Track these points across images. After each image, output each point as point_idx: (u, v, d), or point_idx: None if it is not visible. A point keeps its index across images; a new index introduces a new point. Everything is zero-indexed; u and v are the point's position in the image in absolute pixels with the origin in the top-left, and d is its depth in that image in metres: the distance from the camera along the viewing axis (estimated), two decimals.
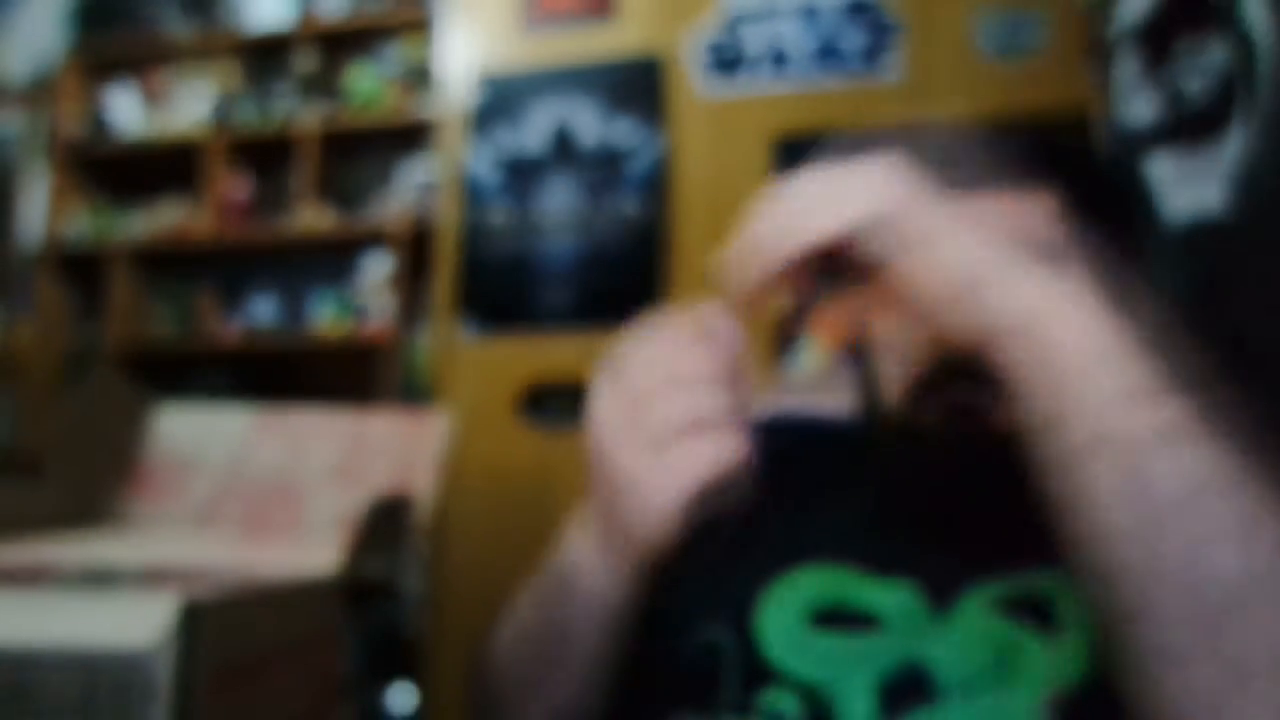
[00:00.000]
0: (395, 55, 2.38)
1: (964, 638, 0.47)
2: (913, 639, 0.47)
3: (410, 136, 2.35)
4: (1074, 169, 0.62)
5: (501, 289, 1.66)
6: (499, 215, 1.70)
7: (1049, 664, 0.44)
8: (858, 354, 0.57)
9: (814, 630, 0.49)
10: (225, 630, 0.31)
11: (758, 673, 0.47)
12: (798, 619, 0.49)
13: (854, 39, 1.63)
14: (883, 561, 0.51)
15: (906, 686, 0.45)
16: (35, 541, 0.51)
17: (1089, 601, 0.33)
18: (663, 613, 0.50)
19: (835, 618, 0.49)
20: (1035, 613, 0.46)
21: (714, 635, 0.50)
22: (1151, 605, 0.29)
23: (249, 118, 2.44)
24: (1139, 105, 0.96)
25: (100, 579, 0.41)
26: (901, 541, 0.51)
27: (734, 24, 1.70)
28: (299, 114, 2.39)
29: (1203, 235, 0.90)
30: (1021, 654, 0.45)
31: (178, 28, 2.55)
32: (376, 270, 2.29)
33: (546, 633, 0.48)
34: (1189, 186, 0.92)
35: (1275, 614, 0.27)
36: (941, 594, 0.48)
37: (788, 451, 0.58)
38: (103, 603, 0.31)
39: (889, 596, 0.49)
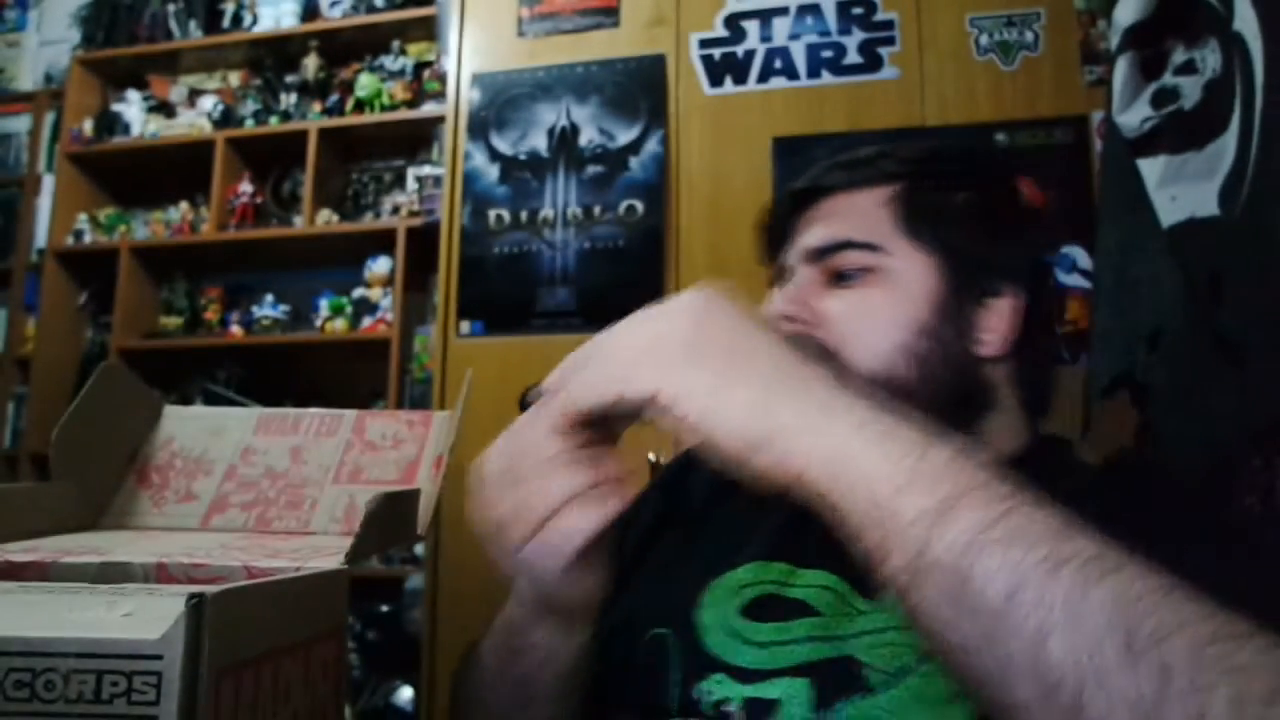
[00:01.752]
0: (399, 58, 2.39)
1: (888, 623, 0.50)
2: (840, 624, 0.51)
3: (414, 138, 2.36)
4: (980, 174, 0.64)
5: (502, 289, 1.67)
6: (500, 216, 1.71)
7: None
8: None
9: (748, 622, 0.53)
10: (232, 625, 0.31)
11: (699, 664, 0.51)
12: (733, 612, 0.54)
13: (853, 39, 1.64)
14: (808, 556, 0.55)
15: (837, 670, 0.48)
16: (46, 539, 0.52)
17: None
18: (616, 623, 0.55)
19: (768, 610, 0.53)
20: None
21: (660, 634, 0.55)
22: (1016, 703, 0.29)
23: (255, 120, 2.45)
24: (1133, 106, 0.96)
25: (110, 576, 0.41)
26: (820, 538, 0.52)
27: (734, 23, 1.70)
28: (304, 116, 2.40)
29: (1197, 235, 0.91)
30: None
31: (185, 31, 2.56)
32: (380, 270, 2.30)
33: (509, 683, 0.52)
34: (1183, 187, 0.92)
35: (1128, 678, 0.27)
36: (865, 582, 0.50)
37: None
38: (113, 598, 0.32)
39: (817, 588, 0.54)
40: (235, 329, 2.40)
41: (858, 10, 1.64)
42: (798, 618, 0.52)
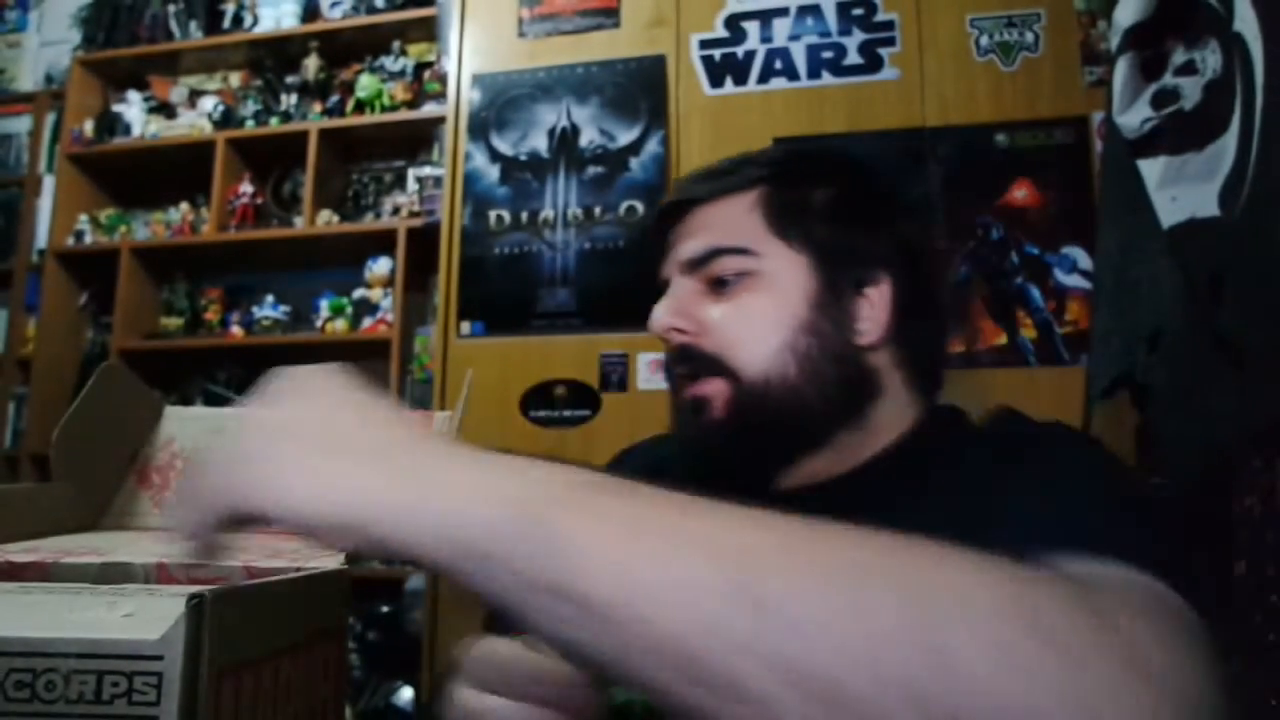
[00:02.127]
0: (400, 58, 2.39)
1: None
2: None
3: (414, 138, 2.36)
4: (837, 170, 0.66)
5: (503, 290, 1.67)
6: (501, 216, 1.71)
7: None
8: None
9: None
10: (232, 626, 0.31)
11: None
12: None
13: (853, 40, 1.64)
14: None
15: None
16: (46, 539, 0.52)
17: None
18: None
19: None
20: None
21: None
22: (654, 683, 0.28)
23: (256, 120, 2.45)
24: (1134, 107, 0.96)
25: (110, 576, 0.42)
26: None
27: (734, 24, 1.70)
28: (305, 116, 2.40)
29: (1197, 236, 0.91)
30: None
31: (186, 32, 2.57)
32: (380, 271, 2.30)
33: None
34: (1183, 188, 0.92)
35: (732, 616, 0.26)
36: None
37: (645, 471, 0.67)
38: (113, 598, 0.32)
39: None
40: (236, 330, 2.40)
41: (858, 11, 1.65)
42: None
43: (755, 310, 0.60)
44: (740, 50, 1.68)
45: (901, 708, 0.25)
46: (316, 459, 0.33)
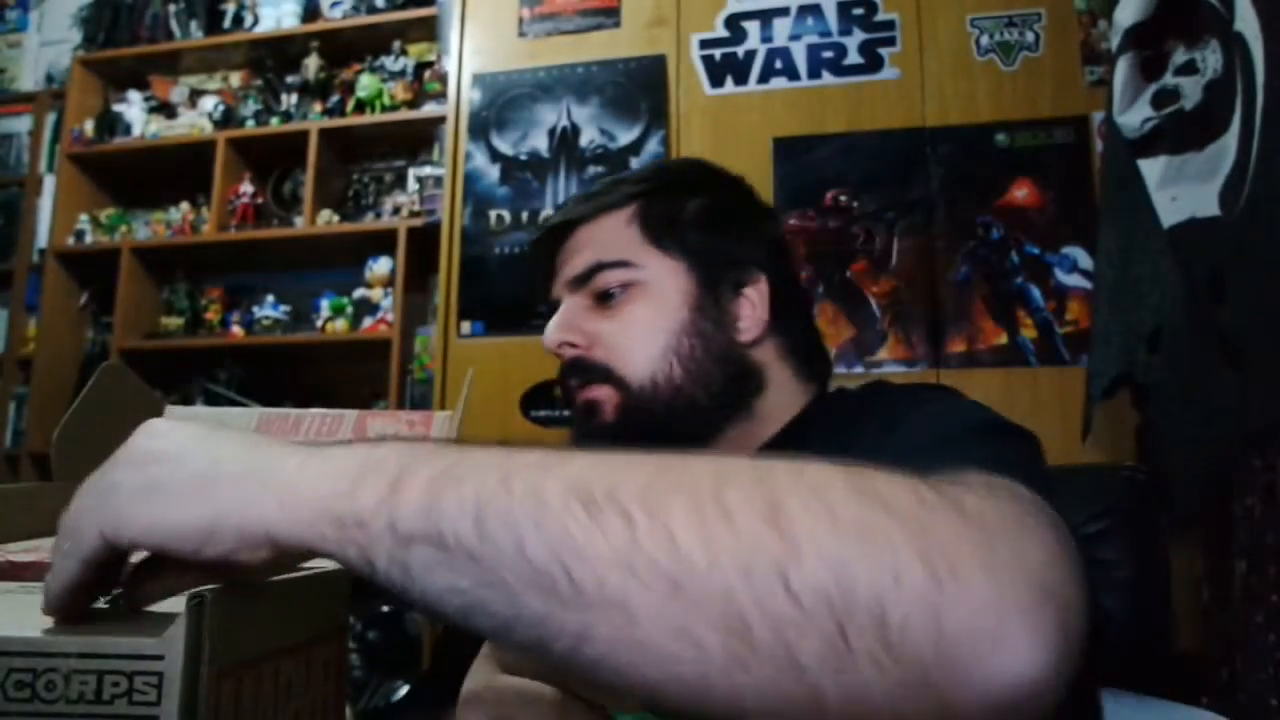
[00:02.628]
0: (400, 58, 2.39)
1: None
2: None
3: (414, 138, 2.36)
4: (705, 181, 0.71)
5: (503, 289, 1.67)
6: (501, 216, 1.71)
7: None
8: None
9: None
10: (233, 626, 0.31)
11: None
12: None
13: (854, 40, 1.64)
14: None
15: None
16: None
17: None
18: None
19: None
20: None
21: None
22: (539, 624, 0.28)
23: (256, 120, 2.45)
24: (1134, 107, 0.96)
25: None
26: None
27: (735, 24, 1.70)
28: (305, 116, 2.41)
29: (1197, 235, 0.91)
30: None
31: (186, 31, 2.57)
32: (380, 271, 2.30)
33: None
34: (1183, 188, 0.92)
35: (598, 540, 0.27)
36: None
37: None
38: (114, 598, 0.32)
39: None
40: (236, 329, 2.40)
41: (858, 11, 1.65)
42: None
43: (639, 319, 0.64)
44: (740, 50, 1.68)
45: (738, 580, 0.26)
46: (188, 479, 0.33)
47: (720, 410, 0.64)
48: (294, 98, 2.44)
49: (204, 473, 0.33)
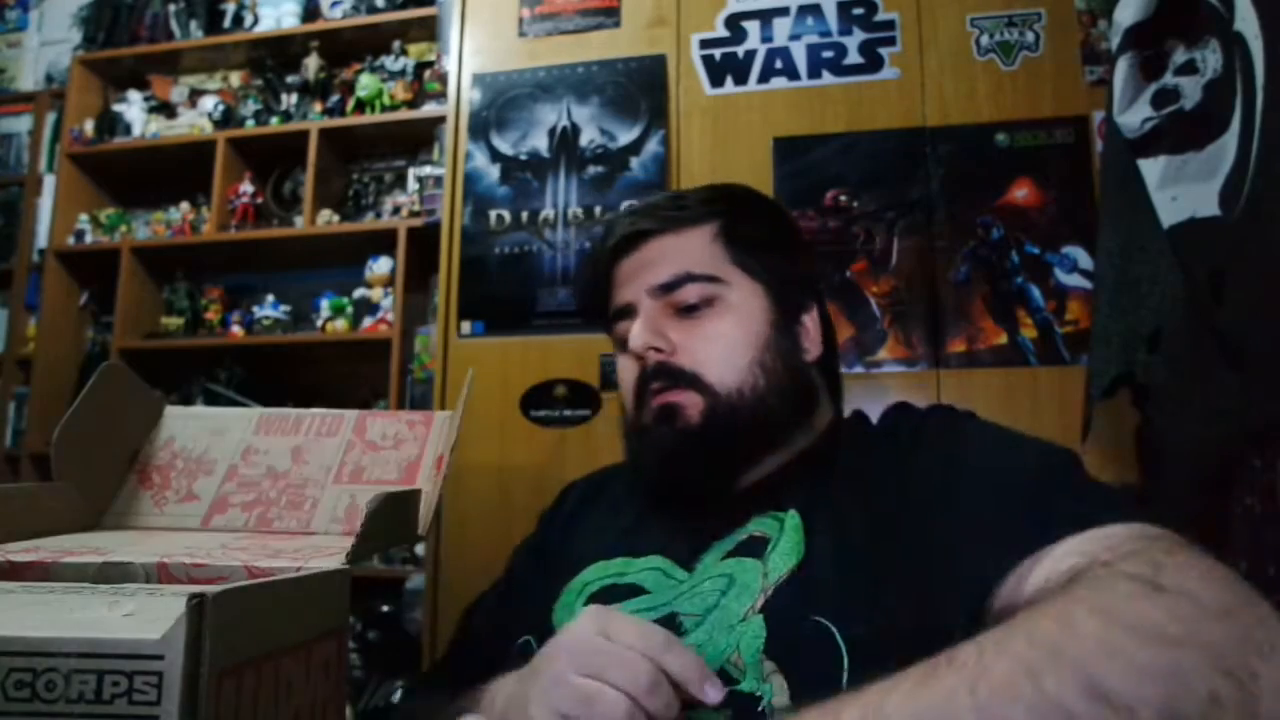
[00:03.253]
0: (400, 58, 2.39)
1: (701, 583, 0.61)
2: (667, 596, 0.62)
3: (414, 138, 2.36)
4: (775, 210, 0.76)
5: (503, 289, 1.67)
6: (501, 216, 1.71)
7: (761, 572, 0.59)
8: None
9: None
10: (233, 625, 0.31)
11: None
12: (579, 602, 0.65)
13: (854, 39, 1.64)
14: (641, 548, 0.67)
15: (661, 625, 0.56)
16: (47, 539, 0.52)
17: None
18: (496, 633, 0.68)
19: (609, 597, 0.64)
20: (753, 548, 0.61)
21: (528, 635, 0.66)
22: None
23: (256, 120, 2.45)
24: (1134, 107, 0.96)
25: (111, 575, 0.42)
26: (656, 532, 0.68)
27: (735, 24, 1.70)
28: (305, 116, 2.41)
29: (1197, 235, 0.91)
30: (741, 574, 0.59)
31: (186, 31, 2.57)
32: (380, 271, 2.30)
33: None
34: (1183, 187, 0.92)
35: None
36: (687, 560, 0.64)
37: (584, 495, 0.81)
38: (114, 598, 0.32)
39: (647, 571, 0.65)
40: (236, 329, 2.40)
41: (858, 10, 1.65)
42: (631, 598, 0.63)
43: (726, 331, 0.68)
44: (741, 50, 1.68)
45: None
46: None
47: (791, 419, 0.70)
48: (294, 98, 2.44)
49: None
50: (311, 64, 2.42)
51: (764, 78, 1.65)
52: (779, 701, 0.52)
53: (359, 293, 2.33)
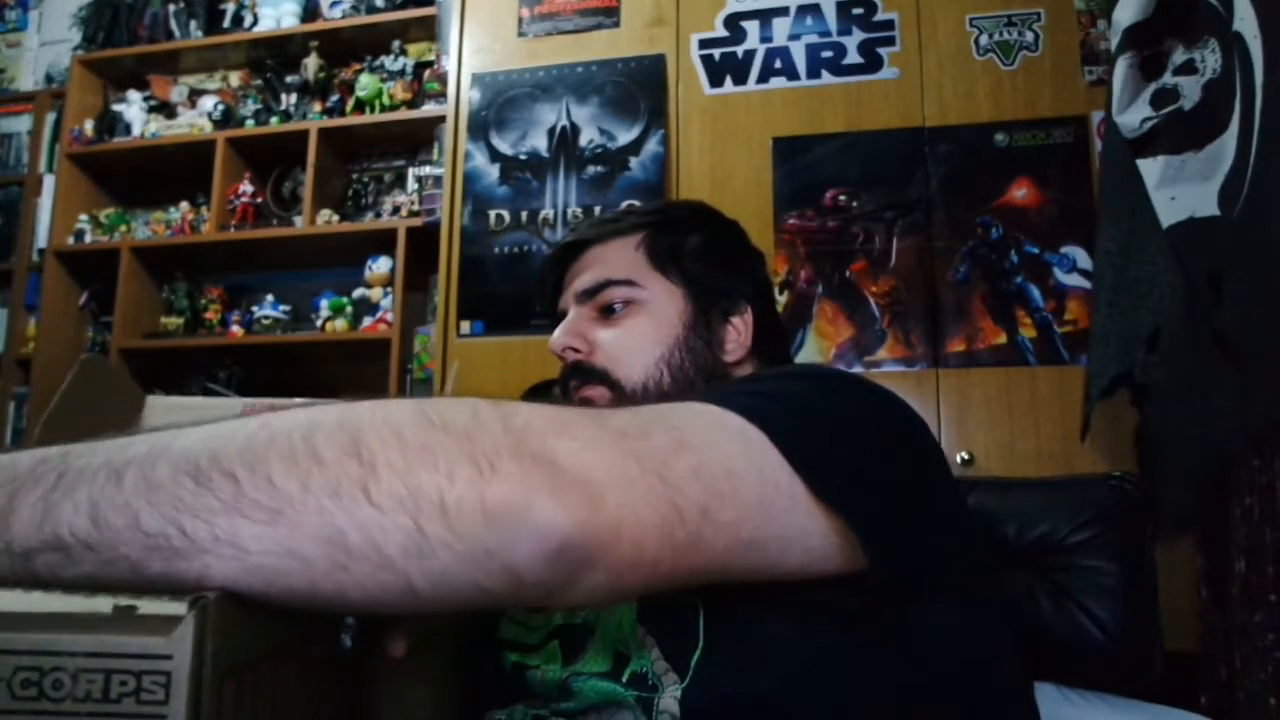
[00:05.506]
0: (400, 58, 2.39)
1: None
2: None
3: (414, 138, 2.36)
4: (707, 222, 0.79)
5: (503, 289, 1.67)
6: (500, 216, 1.71)
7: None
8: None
9: (525, 613, 0.64)
10: (235, 626, 0.31)
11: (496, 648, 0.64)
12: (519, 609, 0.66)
13: (853, 39, 1.64)
14: None
15: (575, 632, 0.59)
16: None
17: None
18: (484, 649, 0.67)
19: None
20: None
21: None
22: (167, 581, 0.32)
23: (256, 120, 2.45)
24: (1133, 107, 0.96)
25: None
26: None
27: (734, 24, 1.71)
28: (305, 116, 2.41)
29: (1196, 235, 0.91)
30: None
31: (186, 31, 2.57)
32: (380, 270, 2.30)
33: None
34: (1182, 187, 0.92)
35: (207, 498, 0.32)
36: None
37: None
38: (115, 599, 0.32)
39: None
40: (236, 329, 2.40)
41: (858, 10, 1.65)
42: None
43: (637, 331, 0.72)
44: (740, 50, 1.68)
45: (329, 500, 0.32)
46: None
47: None
48: (293, 97, 2.44)
49: None
50: (311, 64, 2.42)
51: (763, 77, 1.66)
52: (659, 668, 0.53)
53: (358, 292, 2.33)
